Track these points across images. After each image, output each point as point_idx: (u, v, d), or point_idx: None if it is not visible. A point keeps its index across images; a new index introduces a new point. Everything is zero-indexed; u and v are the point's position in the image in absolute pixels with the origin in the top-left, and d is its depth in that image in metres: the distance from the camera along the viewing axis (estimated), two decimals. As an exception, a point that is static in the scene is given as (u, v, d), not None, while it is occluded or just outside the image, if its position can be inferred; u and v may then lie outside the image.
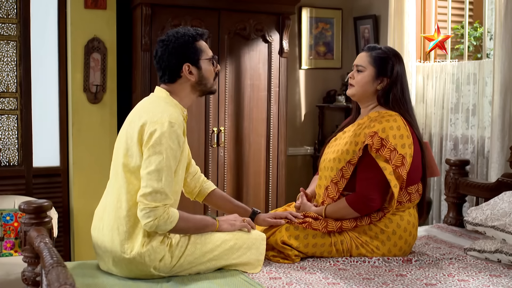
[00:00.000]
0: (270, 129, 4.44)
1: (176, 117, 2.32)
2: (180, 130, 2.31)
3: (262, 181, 4.46)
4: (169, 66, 2.42)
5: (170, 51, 2.41)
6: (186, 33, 2.42)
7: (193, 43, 2.43)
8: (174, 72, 2.42)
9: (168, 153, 2.26)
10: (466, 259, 2.72)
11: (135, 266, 2.29)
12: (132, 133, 2.32)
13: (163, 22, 4.05)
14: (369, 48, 2.73)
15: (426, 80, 4.29)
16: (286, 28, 4.41)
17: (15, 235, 3.80)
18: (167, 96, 2.42)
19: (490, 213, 2.74)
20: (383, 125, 2.58)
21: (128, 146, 2.32)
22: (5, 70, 4.08)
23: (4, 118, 4.10)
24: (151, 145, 2.25)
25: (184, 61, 2.41)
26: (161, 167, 2.24)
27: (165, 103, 2.38)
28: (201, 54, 2.44)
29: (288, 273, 2.45)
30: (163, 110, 2.32)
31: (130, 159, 2.31)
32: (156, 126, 2.27)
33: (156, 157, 2.25)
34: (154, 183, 2.24)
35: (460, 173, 3.34)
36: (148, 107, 2.39)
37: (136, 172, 2.30)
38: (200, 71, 2.44)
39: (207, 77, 2.47)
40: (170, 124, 2.27)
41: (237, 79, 4.32)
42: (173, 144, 2.28)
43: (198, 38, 2.45)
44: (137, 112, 2.41)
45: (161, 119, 2.28)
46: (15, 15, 4.07)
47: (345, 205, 2.60)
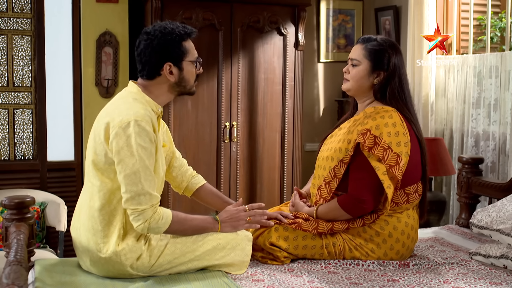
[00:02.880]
0: (285, 124, 4.33)
1: (143, 114, 2.21)
2: (148, 126, 2.21)
3: (277, 177, 4.36)
4: (149, 62, 2.31)
5: (153, 47, 2.29)
6: (173, 31, 2.29)
7: (180, 43, 2.31)
8: (154, 70, 2.32)
9: (140, 152, 2.17)
10: (469, 264, 2.55)
11: (112, 266, 2.24)
12: (99, 131, 2.25)
13: (173, 15, 3.99)
14: (363, 40, 2.58)
15: (448, 74, 4.10)
16: (302, 20, 4.28)
17: (26, 228, 3.82)
18: (137, 92, 2.33)
19: (496, 216, 2.57)
20: (377, 122, 2.44)
21: (96, 144, 2.26)
22: (19, 65, 4.10)
23: (19, 112, 4.13)
24: (120, 148, 2.17)
25: (166, 60, 2.30)
26: (136, 169, 2.17)
27: (133, 100, 2.29)
28: (185, 55, 2.33)
29: (273, 275, 2.35)
30: (128, 108, 2.23)
31: (99, 158, 2.24)
32: (122, 127, 2.17)
33: (129, 160, 2.16)
34: (133, 187, 2.17)
35: (472, 172, 3.16)
36: (115, 104, 2.31)
37: (107, 170, 2.23)
38: (182, 72, 2.33)
39: (187, 79, 2.36)
40: (135, 123, 2.17)
41: (250, 73, 4.23)
42: (144, 142, 2.19)
43: (185, 37, 2.33)
44: (105, 109, 2.34)
45: (126, 118, 2.18)
46: (30, 10, 4.09)
47: (336, 206, 2.47)
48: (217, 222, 2.39)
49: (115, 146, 2.18)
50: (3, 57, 4.05)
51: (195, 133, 4.12)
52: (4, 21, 4.03)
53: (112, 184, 2.24)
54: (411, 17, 4.12)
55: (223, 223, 2.40)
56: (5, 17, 4.02)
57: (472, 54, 3.95)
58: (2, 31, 4.03)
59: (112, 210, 2.25)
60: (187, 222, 2.32)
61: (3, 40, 4.04)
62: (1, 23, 4.02)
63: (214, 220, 2.39)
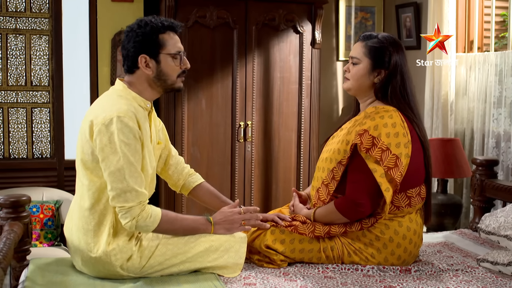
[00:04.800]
0: (301, 123, 4.26)
1: (125, 109, 2.18)
2: (132, 121, 2.17)
3: (293, 177, 4.29)
4: (127, 56, 2.29)
5: (129, 39, 2.27)
6: (151, 23, 2.26)
7: (156, 35, 2.26)
8: (132, 63, 2.29)
9: (124, 149, 2.15)
10: (475, 271, 2.44)
11: (102, 266, 2.22)
12: (85, 129, 2.23)
13: (187, 14, 3.97)
14: (364, 37, 2.49)
15: (469, 72, 3.96)
16: (319, 18, 4.20)
17: (41, 226, 3.87)
18: (123, 89, 2.30)
19: (504, 221, 2.45)
20: (375, 122, 2.36)
21: (83, 142, 2.24)
22: (37, 64, 4.15)
23: (37, 111, 4.18)
24: (103, 145, 2.15)
25: (141, 52, 2.26)
26: (120, 166, 2.14)
27: (118, 96, 2.26)
28: (162, 48, 2.27)
29: (266, 279, 2.29)
30: (112, 104, 2.21)
31: (86, 156, 2.23)
32: (105, 124, 2.15)
33: (113, 157, 2.15)
34: (118, 184, 2.15)
35: (487, 174, 3.03)
36: (100, 102, 2.29)
37: (95, 168, 2.22)
38: (159, 65, 2.28)
39: (166, 72, 2.30)
40: (118, 119, 2.15)
41: (265, 72, 4.17)
42: (127, 139, 2.16)
43: (163, 30, 2.28)
44: (91, 107, 2.33)
45: (109, 115, 2.16)
46: (48, 10, 4.13)
47: (333, 210, 2.40)
48: (210, 223, 2.35)
49: (99, 144, 2.17)
50: (21, 57, 4.11)
51: (209, 132, 4.09)
52: (23, 21, 4.08)
53: (101, 183, 2.22)
54: (431, 14, 4.00)
55: (216, 225, 2.35)
56: (24, 17, 4.08)
57: (494, 51, 3.80)
58: (21, 31, 4.09)
59: (102, 210, 2.24)
60: (178, 221, 2.29)
61: (21, 40, 4.09)
62: (20, 23, 4.08)
63: (207, 221, 2.35)
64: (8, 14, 4.05)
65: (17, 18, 4.07)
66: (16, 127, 4.15)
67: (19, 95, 4.12)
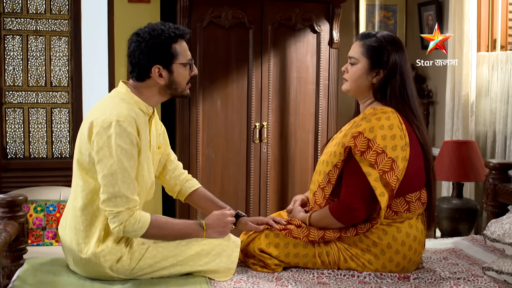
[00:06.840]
0: (318, 124, 4.19)
1: (126, 114, 2.17)
2: (131, 127, 2.16)
3: (309, 180, 4.21)
4: (138, 65, 2.25)
5: (141, 49, 2.23)
6: (163, 32, 2.22)
7: (169, 45, 2.24)
8: (143, 72, 2.26)
9: (119, 154, 2.14)
10: (479, 280, 2.33)
11: (92, 267, 2.22)
12: (84, 130, 2.23)
13: (202, 14, 3.95)
14: (362, 36, 2.41)
15: (491, 72, 3.81)
16: (337, 17, 4.12)
17: (57, 225, 3.92)
18: (126, 92, 2.29)
19: (509, 228, 2.33)
20: (371, 124, 2.28)
21: (81, 143, 2.24)
22: (57, 65, 4.21)
23: (56, 112, 4.24)
24: (100, 147, 2.14)
25: (155, 63, 2.24)
26: (114, 170, 2.13)
27: (120, 100, 2.25)
28: (175, 58, 2.26)
29: (257, 283, 2.25)
30: (113, 108, 2.20)
31: (83, 157, 2.23)
32: (104, 126, 2.15)
33: (107, 160, 2.14)
34: (109, 188, 2.14)
35: (500, 178, 2.90)
36: (102, 104, 2.28)
37: (91, 170, 2.21)
38: (172, 75, 2.27)
39: (178, 81, 2.29)
40: (117, 123, 2.14)
41: (282, 72, 4.12)
42: (124, 143, 2.15)
43: (176, 39, 2.26)
44: (93, 108, 2.32)
45: (109, 118, 2.15)
46: (67, 11, 4.19)
47: (328, 214, 2.33)
48: (202, 228, 2.32)
49: (96, 145, 2.16)
50: (41, 58, 4.17)
51: (224, 133, 4.07)
52: (43, 22, 4.15)
53: (95, 185, 2.22)
54: (452, 12, 3.86)
55: (209, 229, 2.32)
56: (44, 18, 4.14)
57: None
58: (41, 32, 4.15)
59: (95, 211, 2.23)
60: (168, 227, 2.27)
61: (41, 41, 4.16)
62: (40, 24, 4.14)
63: (199, 226, 2.32)
64: (28, 16, 4.12)
65: (37, 19, 4.14)
66: (36, 127, 4.22)
67: (39, 96, 4.19)
